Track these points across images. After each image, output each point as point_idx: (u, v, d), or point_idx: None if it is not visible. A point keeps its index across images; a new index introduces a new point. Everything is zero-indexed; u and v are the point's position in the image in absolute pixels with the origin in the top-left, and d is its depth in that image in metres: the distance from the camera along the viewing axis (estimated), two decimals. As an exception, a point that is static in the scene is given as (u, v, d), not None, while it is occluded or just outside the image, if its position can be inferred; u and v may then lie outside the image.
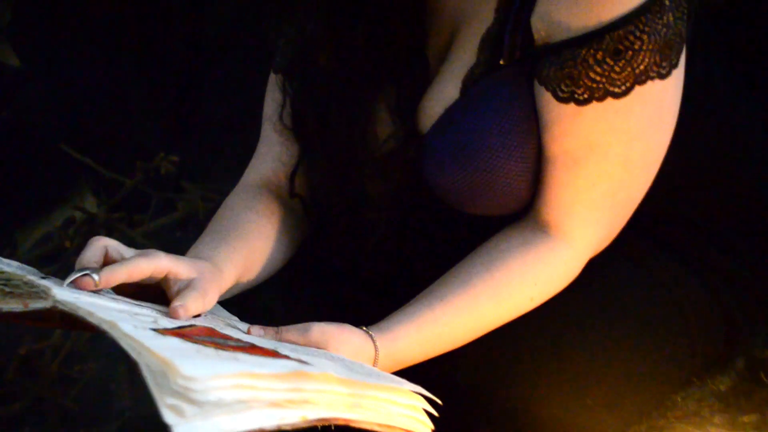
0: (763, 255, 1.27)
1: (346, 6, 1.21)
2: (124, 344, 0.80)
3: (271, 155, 1.29)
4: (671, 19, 1.06)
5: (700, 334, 1.21)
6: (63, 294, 0.92)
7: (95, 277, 0.98)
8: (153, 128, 2.28)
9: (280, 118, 1.27)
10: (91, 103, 2.34)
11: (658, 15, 1.05)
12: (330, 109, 1.23)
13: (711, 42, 1.19)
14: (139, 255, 1.03)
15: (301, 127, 1.26)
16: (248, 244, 1.17)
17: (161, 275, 1.03)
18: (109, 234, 1.08)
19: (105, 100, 2.32)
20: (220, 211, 1.23)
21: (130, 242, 1.07)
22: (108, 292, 1.01)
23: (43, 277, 0.97)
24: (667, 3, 1.06)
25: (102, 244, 1.03)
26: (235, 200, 1.24)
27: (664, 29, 1.06)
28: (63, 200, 2.24)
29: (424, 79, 1.21)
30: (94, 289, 0.98)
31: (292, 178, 1.26)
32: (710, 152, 1.23)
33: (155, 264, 1.02)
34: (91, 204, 2.23)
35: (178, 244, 1.15)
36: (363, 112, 1.22)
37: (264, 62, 1.35)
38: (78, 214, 2.16)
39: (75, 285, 0.97)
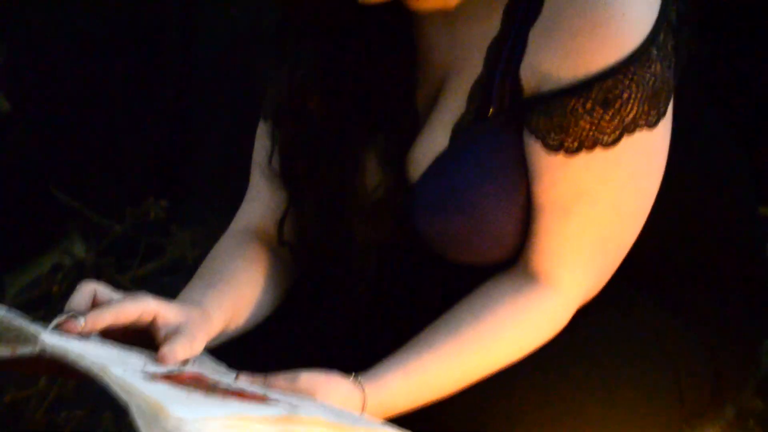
0: (751, 303, 1.27)
1: (336, 54, 1.22)
2: (115, 387, 0.80)
3: (260, 202, 1.29)
4: (659, 69, 1.07)
5: (689, 382, 1.21)
6: (51, 339, 0.92)
7: (81, 319, 0.98)
8: (143, 173, 2.28)
9: (269, 164, 1.28)
10: (82, 147, 2.34)
11: (646, 65, 1.06)
12: (319, 155, 1.23)
13: (699, 90, 1.21)
14: (126, 298, 1.03)
15: (289, 174, 1.26)
16: (237, 290, 1.18)
17: (149, 319, 1.03)
18: (98, 279, 1.07)
19: (95, 144, 2.32)
20: (209, 258, 1.23)
21: (118, 287, 1.07)
22: (96, 337, 1.01)
23: (31, 322, 0.96)
24: (654, 53, 1.07)
25: (91, 288, 1.04)
26: (224, 247, 1.25)
27: (652, 79, 1.07)
28: (52, 245, 2.24)
29: (413, 128, 1.21)
30: (79, 331, 0.98)
31: (280, 224, 1.26)
32: (699, 199, 1.24)
33: (143, 307, 1.03)
34: (79, 249, 2.23)
35: (167, 289, 1.15)
36: (352, 159, 1.23)
37: (255, 108, 1.36)
38: (66, 259, 2.16)
39: (61, 328, 0.97)
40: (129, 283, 2.07)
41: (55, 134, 2.35)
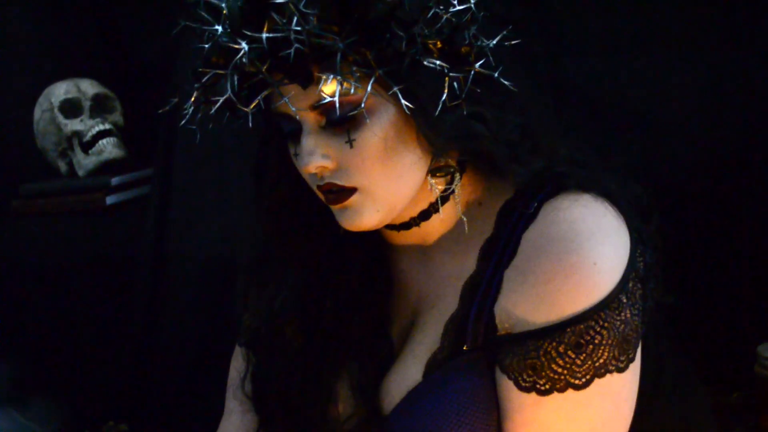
0: None
1: (316, 283, 1.25)
2: None
3: (233, 427, 1.29)
4: (628, 315, 1.10)
5: None
6: None
7: None
8: (104, 395, 2.25)
9: (242, 387, 1.28)
10: (40, 367, 2.31)
11: (616, 312, 1.09)
12: (292, 382, 1.24)
13: (662, 335, 1.23)
14: None
15: (261, 399, 1.26)
16: None
17: None
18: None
19: (54, 365, 2.30)
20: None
21: None
22: None
23: None
24: (624, 300, 1.10)
25: None
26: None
27: (622, 325, 1.09)
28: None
29: (388, 358, 1.23)
30: None
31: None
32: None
33: None
34: (30, 470, 2.16)
35: None
36: (325, 387, 1.23)
37: (222, 336, 1.37)
38: (15, 482, 2.09)
39: None
40: None
41: (13, 353, 2.33)
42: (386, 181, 1.12)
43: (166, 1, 1.66)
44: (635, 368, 1.13)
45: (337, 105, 1.05)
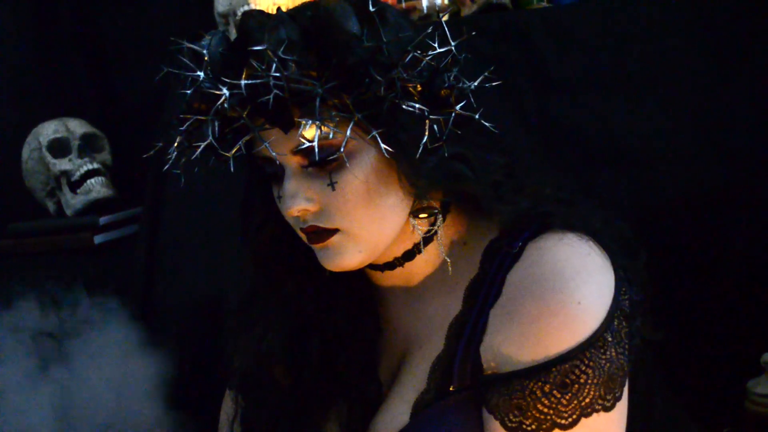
0: None
1: (303, 325, 1.25)
2: None
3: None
4: (614, 354, 1.10)
5: None
6: None
7: None
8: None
9: (231, 430, 1.27)
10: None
11: (601, 350, 1.09)
12: (280, 424, 1.23)
13: (651, 372, 1.23)
14: None
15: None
16: None
17: None
18: None
19: (42, 410, 2.28)
20: None
21: None
22: None
23: None
24: (609, 339, 1.09)
25: None
26: None
27: (608, 364, 1.09)
28: None
29: (375, 399, 1.23)
30: None
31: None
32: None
33: None
34: None
35: None
36: (313, 429, 1.23)
37: (212, 374, 1.37)
38: None
39: None
40: None
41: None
42: (368, 222, 1.12)
43: (155, 40, 1.67)
44: (622, 407, 1.12)
45: (317, 149, 1.05)
